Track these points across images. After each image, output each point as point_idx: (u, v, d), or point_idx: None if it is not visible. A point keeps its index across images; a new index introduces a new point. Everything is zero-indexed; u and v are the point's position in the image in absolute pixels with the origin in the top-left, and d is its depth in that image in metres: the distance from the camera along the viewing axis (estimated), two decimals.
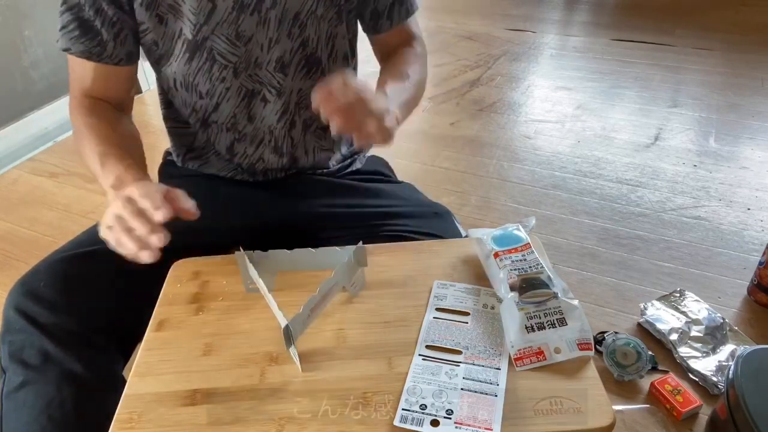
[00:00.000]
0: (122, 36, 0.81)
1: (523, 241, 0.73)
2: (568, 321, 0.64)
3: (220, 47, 0.83)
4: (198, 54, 0.83)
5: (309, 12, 0.85)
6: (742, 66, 2.70)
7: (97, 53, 0.81)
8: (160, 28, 0.82)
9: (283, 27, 0.84)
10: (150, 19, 0.81)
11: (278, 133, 0.91)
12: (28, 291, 0.74)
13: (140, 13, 0.80)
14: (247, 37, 0.83)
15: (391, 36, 0.96)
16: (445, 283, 0.72)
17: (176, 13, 0.80)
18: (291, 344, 0.62)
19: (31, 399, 0.68)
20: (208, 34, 0.81)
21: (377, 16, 0.93)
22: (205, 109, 0.89)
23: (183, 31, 0.81)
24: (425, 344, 0.64)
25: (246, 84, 0.86)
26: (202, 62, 0.84)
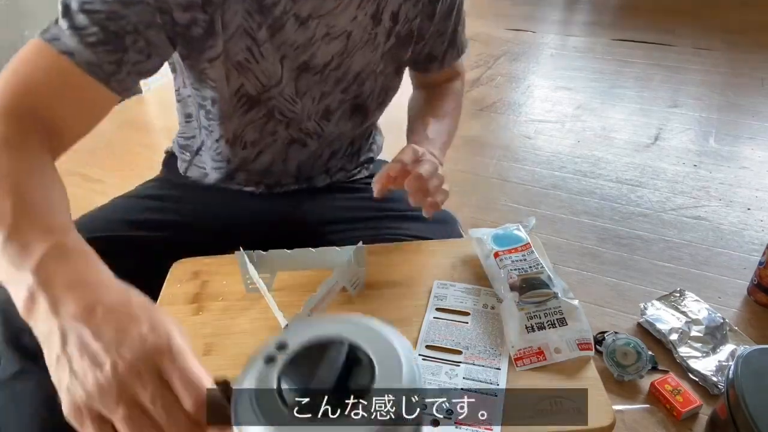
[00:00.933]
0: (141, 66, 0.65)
1: (523, 241, 0.73)
2: (568, 321, 0.64)
3: (282, 106, 0.79)
4: (256, 109, 0.78)
5: (370, 71, 0.83)
6: (742, 66, 2.70)
7: (108, 71, 0.62)
8: (224, 88, 0.74)
9: (339, 84, 0.82)
10: (220, 79, 0.73)
11: (304, 167, 0.91)
12: None
13: (213, 71, 0.72)
14: (302, 92, 0.80)
15: (437, 77, 0.95)
16: (445, 282, 0.72)
17: (241, 69, 0.74)
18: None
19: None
20: (275, 95, 0.77)
21: (430, 59, 0.91)
22: (243, 158, 0.86)
23: (244, 87, 0.75)
24: (425, 344, 0.64)
25: (293, 135, 0.84)
26: (259, 117, 0.80)
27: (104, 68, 0.62)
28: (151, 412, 0.37)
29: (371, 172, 1.03)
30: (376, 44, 0.81)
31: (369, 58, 0.81)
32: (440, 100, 0.92)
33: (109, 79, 0.63)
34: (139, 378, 0.37)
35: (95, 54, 0.61)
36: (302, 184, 0.93)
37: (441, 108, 0.91)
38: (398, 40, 0.83)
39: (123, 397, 0.37)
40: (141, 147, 2.13)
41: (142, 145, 2.14)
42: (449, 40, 0.90)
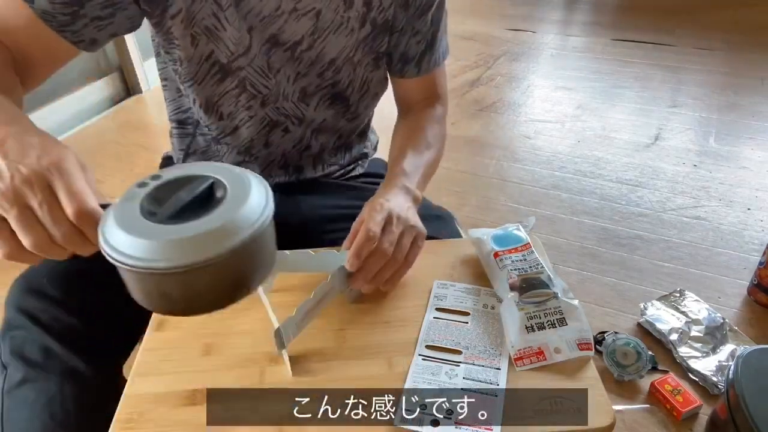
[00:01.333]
0: (106, 22, 0.71)
1: (523, 241, 0.73)
2: (568, 321, 0.64)
3: (253, 78, 0.81)
4: (229, 79, 0.80)
5: (346, 58, 0.83)
6: (742, 66, 2.70)
7: (61, 22, 0.68)
8: (190, 49, 0.78)
9: (315, 68, 0.83)
10: (184, 37, 0.76)
11: (290, 156, 0.91)
12: (30, 287, 0.74)
13: (177, 29, 0.76)
14: (276, 68, 0.81)
15: (416, 87, 0.92)
16: (445, 282, 0.72)
17: (210, 36, 0.77)
18: (283, 347, 0.61)
19: (32, 395, 0.68)
20: (244, 64, 0.79)
21: (405, 60, 0.89)
22: (221, 129, 0.87)
23: (215, 55, 0.78)
24: (425, 344, 0.64)
25: (271, 115, 0.85)
26: (232, 87, 0.81)
27: (58, 19, 0.67)
28: (39, 215, 0.46)
29: (366, 170, 1.03)
30: (350, 29, 0.81)
31: (343, 43, 0.82)
32: (421, 131, 0.89)
33: (63, 30, 0.68)
34: (31, 187, 0.46)
35: (51, 4, 0.66)
36: (292, 175, 0.94)
37: (422, 138, 0.88)
38: (374, 28, 0.83)
39: (17, 200, 0.46)
40: (141, 147, 2.13)
41: (142, 146, 2.15)
42: (427, 42, 0.88)
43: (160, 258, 0.42)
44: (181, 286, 0.45)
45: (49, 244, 0.47)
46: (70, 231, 0.47)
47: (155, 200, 0.46)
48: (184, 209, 0.45)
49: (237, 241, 0.43)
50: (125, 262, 0.42)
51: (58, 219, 0.46)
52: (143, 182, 0.47)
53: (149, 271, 0.42)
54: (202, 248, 0.42)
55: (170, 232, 0.43)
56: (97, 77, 2.42)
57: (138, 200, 0.45)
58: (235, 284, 0.48)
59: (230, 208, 0.45)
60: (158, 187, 0.47)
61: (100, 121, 2.36)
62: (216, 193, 0.47)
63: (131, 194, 0.46)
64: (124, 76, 2.53)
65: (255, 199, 0.46)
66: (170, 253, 0.42)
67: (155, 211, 0.45)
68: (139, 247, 0.42)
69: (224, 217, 0.44)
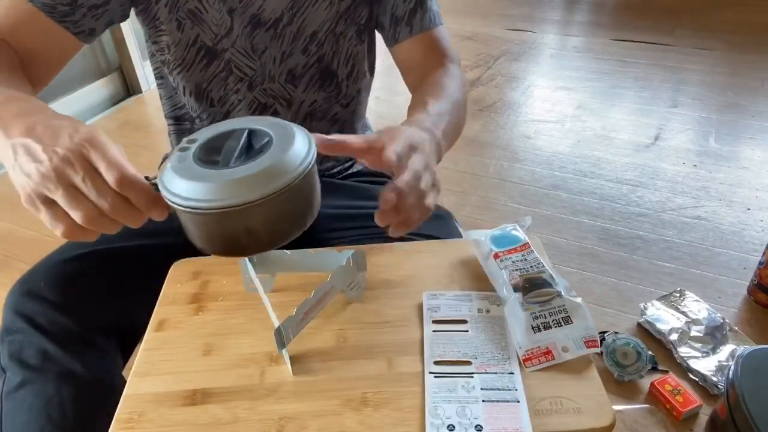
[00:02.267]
0: (101, 10, 0.74)
1: (522, 241, 0.73)
2: (573, 319, 0.64)
3: (238, 60, 0.82)
4: (216, 62, 0.82)
5: (328, 31, 0.84)
6: (742, 66, 2.70)
7: (62, 12, 0.71)
8: (176, 33, 0.80)
9: (298, 43, 0.83)
10: (170, 22, 0.78)
11: None
12: (28, 291, 0.74)
13: (163, 13, 0.78)
14: (260, 50, 0.82)
15: (416, 48, 0.87)
16: (435, 293, 0.71)
17: (195, 19, 0.79)
18: (283, 347, 0.61)
19: (30, 398, 0.68)
20: (228, 46, 0.81)
21: (396, 21, 0.86)
22: (213, 117, 0.88)
23: (201, 38, 0.80)
24: (433, 360, 0.62)
25: (259, 98, 0.87)
26: (219, 70, 0.83)
27: (58, 9, 0.71)
28: (84, 191, 0.48)
29: (364, 167, 1.03)
30: (329, 1, 0.82)
31: (323, 16, 0.82)
32: (436, 83, 0.81)
33: (64, 20, 0.72)
34: (71, 165, 0.48)
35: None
36: None
37: (439, 88, 0.79)
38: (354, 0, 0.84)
39: (60, 180, 0.48)
40: (141, 147, 2.13)
41: (142, 146, 2.15)
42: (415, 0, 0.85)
43: (233, 195, 0.46)
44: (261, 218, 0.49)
45: (98, 217, 0.49)
46: (115, 200, 0.48)
47: (207, 153, 0.50)
48: (239, 155, 0.49)
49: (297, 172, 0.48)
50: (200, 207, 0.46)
51: (103, 190, 0.48)
52: (183, 147, 0.50)
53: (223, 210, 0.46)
54: (267, 183, 0.47)
55: (239, 173, 0.47)
56: (97, 77, 2.42)
57: (189, 157, 0.49)
58: (296, 215, 0.52)
59: (281, 149, 0.49)
60: (203, 144, 0.51)
61: (100, 121, 2.36)
62: (260, 140, 0.50)
63: (179, 156, 0.49)
64: (124, 76, 2.53)
65: (299, 141, 0.51)
66: (244, 190, 0.46)
67: (215, 159, 0.49)
68: (213, 190, 0.46)
69: (278, 156, 0.48)
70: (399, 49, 0.89)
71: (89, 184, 0.48)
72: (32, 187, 0.49)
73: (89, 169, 0.48)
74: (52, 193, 0.48)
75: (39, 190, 0.48)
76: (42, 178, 0.48)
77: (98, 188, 0.48)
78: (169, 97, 0.92)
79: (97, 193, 0.48)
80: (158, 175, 0.50)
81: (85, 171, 0.48)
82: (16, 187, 0.50)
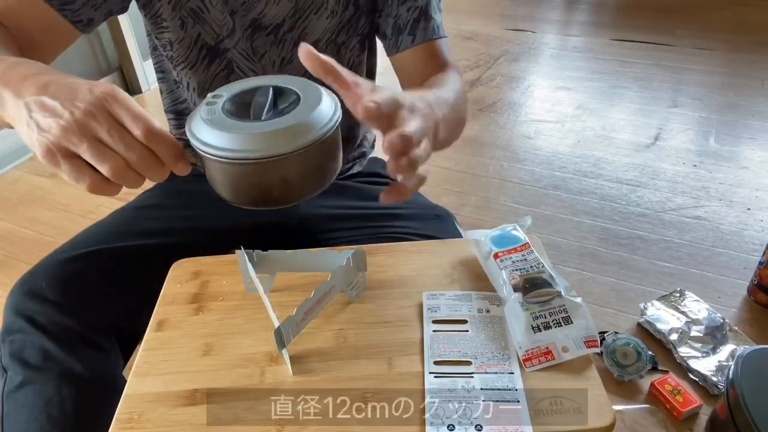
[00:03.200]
0: (101, 1, 0.74)
1: (522, 241, 0.73)
2: (573, 319, 0.64)
3: (239, 61, 0.82)
4: (217, 61, 0.82)
5: (329, 41, 0.84)
6: (742, 66, 2.70)
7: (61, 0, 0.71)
8: (179, 32, 0.80)
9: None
10: (173, 19, 0.79)
11: None
12: (29, 291, 0.74)
13: (165, 10, 0.78)
14: (260, 53, 0.83)
15: (417, 57, 0.85)
16: (435, 293, 0.71)
17: (197, 18, 0.79)
18: (283, 346, 0.61)
19: (30, 398, 0.68)
20: (230, 46, 0.81)
21: (399, 31, 0.84)
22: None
23: (202, 37, 0.80)
24: (433, 360, 0.62)
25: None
26: (221, 69, 0.83)
27: None
28: (110, 143, 0.47)
29: (364, 168, 1.03)
30: (330, 11, 0.81)
31: (325, 25, 0.82)
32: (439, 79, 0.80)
33: (63, 8, 0.70)
34: (95, 118, 0.46)
35: None
36: None
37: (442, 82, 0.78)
38: (357, 10, 0.83)
39: (85, 133, 0.46)
40: None
41: None
42: (420, 10, 0.84)
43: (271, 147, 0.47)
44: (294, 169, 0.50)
45: (126, 170, 0.48)
46: (142, 152, 0.48)
47: (236, 107, 0.51)
48: (268, 110, 0.50)
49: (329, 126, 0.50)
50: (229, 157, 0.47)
51: (130, 142, 0.47)
52: (209, 102, 0.51)
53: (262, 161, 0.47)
54: (303, 135, 0.48)
55: (274, 125, 0.48)
56: (98, 77, 2.42)
57: (218, 110, 0.50)
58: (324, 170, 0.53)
59: (310, 105, 0.50)
60: (230, 98, 0.52)
61: None
62: (287, 97, 0.52)
63: (208, 109, 0.50)
64: (124, 76, 2.53)
65: (326, 98, 0.52)
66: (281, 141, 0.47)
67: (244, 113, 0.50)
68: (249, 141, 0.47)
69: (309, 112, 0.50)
70: (400, 58, 0.87)
71: (116, 136, 0.47)
72: (52, 140, 0.47)
73: (114, 122, 0.47)
74: (75, 146, 0.47)
75: (61, 143, 0.47)
76: (64, 131, 0.46)
77: (125, 141, 0.47)
78: (170, 92, 0.93)
79: (124, 146, 0.47)
80: (186, 127, 0.51)
81: (110, 124, 0.47)
82: (31, 143, 0.49)
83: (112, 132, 0.47)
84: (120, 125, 0.47)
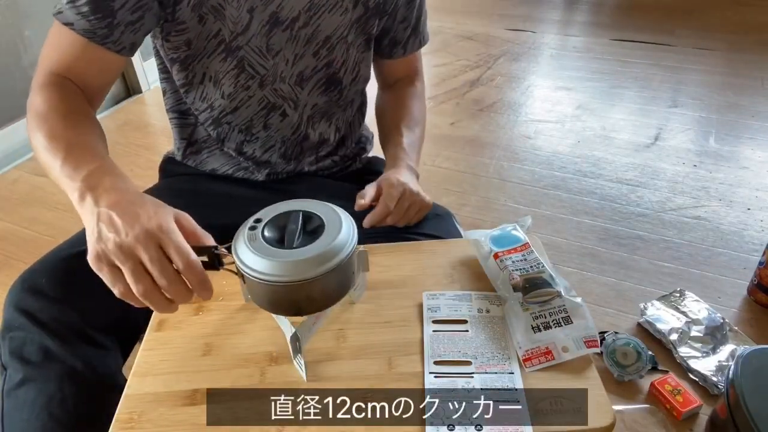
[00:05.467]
0: (138, 24, 0.76)
1: (522, 241, 0.73)
2: (573, 319, 0.64)
3: (251, 58, 0.84)
4: (230, 58, 0.84)
5: (340, 37, 0.88)
6: (742, 66, 2.70)
7: (102, 35, 0.74)
8: (197, 27, 0.81)
9: (311, 46, 0.86)
10: (192, 19, 0.79)
11: (290, 143, 0.95)
12: (29, 288, 0.74)
13: (185, 14, 0.79)
14: (275, 50, 0.84)
15: (399, 65, 1.02)
16: (435, 293, 0.71)
17: (217, 14, 0.80)
18: (298, 353, 0.61)
19: (32, 396, 0.68)
20: (243, 44, 0.82)
21: (394, 44, 0.98)
22: (222, 108, 0.89)
23: (222, 32, 0.81)
24: (433, 360, 0.62)
25: (269, 97, 0.89)
26: (232, 67, 0.84)
27: (98, 33, 0.74)
28: (149, 268, 0.55)
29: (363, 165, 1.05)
30: (344, 8, 0.86)
31: (338, 21, 0.86)
32: (408, 108, 1.00)
33: (105, 42, 0.75)
34: (143, 245, 0.55)
35: (89, 22, 0.73)
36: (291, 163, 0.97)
37: (410, 115, 0.98)
38: (366, 11, 0.88)
39: (131, 255, 0.55)
40: (141, 147, 2.13)
41: (142, 146, 2.14)
42: (413, 27, 0.97)
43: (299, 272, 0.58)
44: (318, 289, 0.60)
45: (153, 292, 0.56)
46: (176, 279, 0.56)
47: (272, 232, 0.62)
48: (299, 237, 0.60)
49: (346, 253, 0.60)
50: (267, 280, 0.58)
51: (168, 273, 0.55)
52: (252, 226, 0.62)
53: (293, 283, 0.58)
54: (324, 262, 0.58)
55: (303, 254, 0.58)
56: None
57: (258, 236, 0.61)
58: (343, 285, 0.63)
59: (332, 233, 0.61)
60: (267, 224, 0.62)
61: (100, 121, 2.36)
62: (314, 223, 0.63)
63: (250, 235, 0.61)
64: (124, 76, 2.53)
65: (345, 225, 0.62)
66: (307, 268, 0.58)
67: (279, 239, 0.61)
68: (279, 267, 0.57)
69: (331, 240, 0.60)
70: (387, 63, 1.02)
71: (157, 265, 0.55)
72: (104, 252, 0.56)
73: (159, 253, 0.55)
74: (121, 263, 0.55)
75: (110, 257, 0.56)
76: (116, 247, 0.55)
77: (164, 270, 0.55)
78: (174, 92, 0.93)
79: (159, 272, 0.55)
80: (233, 248, 0.61)
81: (154, 253, 0.55)
82: (89, 243, 0.57)
83: (153, 261, 0.55)
84: (164, 256, 0.55)
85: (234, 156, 0.96)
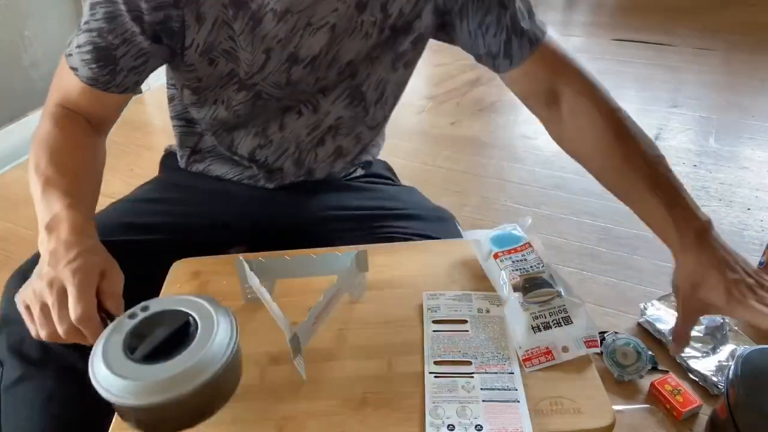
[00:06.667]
0: (141, 68, 0.76)
1: (522, 240, 0.73)
2: (573, 319, 0.64)
3: (269, 90, 0.80)
4: (245, 91, 0.80)
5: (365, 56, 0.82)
6: (742, 66, 2.70)
7: (104, 82, 0.75)
8: (208, 69, 0.78)
9: (333, 69, 0.81)
10: (201, 62, 0.77)
11: (304, 147, 0.89)
12: None
13: (192, 58, 0.76)
14: (295, 81, 0.80)
15: (530, 73, 0.82)
16: (435, 293, 0.71)
17: (229, 57, 0.77)
18: (298, 353, 0.61)
19: (31, 394, 0.68)
20: (259, 81, 0.79)
21: (493, 56, 0.82)
22: (236, 123, 0.86)
23: (235, 71, 0.78)
24: (433, 360, 0.62)
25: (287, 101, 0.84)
26: (248, 98, 0.81)
27: (100, 80, 0.75)
28: (51, 312, 0.58)
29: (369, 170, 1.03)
30: (364, 33, 0.79)
31: (359, 47, 0.80)
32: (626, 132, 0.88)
33: (107, 87, 0.75)
34: (50, 291, 0.58)
35: (91, 70, 0.74)
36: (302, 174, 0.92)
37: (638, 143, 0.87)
38: (394, 32, 0.81)
39: (39, 299, 0.59)
40: (141, 147, 2.13)
41: (142, 145, 2.14)
42: (507, 31, 0.79)
43: (135, 396, 0.48)
44: (153, 415, 0.50)
45: (57, 337, 0.58)
46: (70, 329, 0.57)
47: (136, 336, 0.53)
48: (159, 348, 0.51)
49: (202, 379, 0.49)
50: (108, 397, 0.49)
51: (64, 318, 0.57)
52: (133, 313, 0.55)
53: (128, 406, 0.49)
54: (169, 388, 0.48)
55: (145, 374, 0.49)
56: None
57: (123, 334, 0.53)
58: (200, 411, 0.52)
59: (199, 347, 0.51)
60: (143, 321, 0.54)
61: None
62: (189, 330, 0.53)
63: (121, 325, 0.54)
64: None
65: (221, 337, 0.52)
66: (144, 393, 0.48)
67: (135, 346, 0.52)
68: (119, 385, 0.49)
69: (192, 359, 0.50)
70: (511, 78, 0.84)
71: (56, 309, 0.57)
72: (24, 296, 0.61)
73: (60, 299, 0.57)
74: (32, 306, 0.59)
75: (26, 301, 0.60)
76: (31, 291, 0.59)
77: (60, 315, 0.57)
78: (180, 100, 0.91)
79: (58, 317, 0.57)
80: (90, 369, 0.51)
81: (56, 299, 0.57)
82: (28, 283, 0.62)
83: (54, 304, 0.57)
84: (64, 302, 0.57)
85: (242, 164, 0.92)
